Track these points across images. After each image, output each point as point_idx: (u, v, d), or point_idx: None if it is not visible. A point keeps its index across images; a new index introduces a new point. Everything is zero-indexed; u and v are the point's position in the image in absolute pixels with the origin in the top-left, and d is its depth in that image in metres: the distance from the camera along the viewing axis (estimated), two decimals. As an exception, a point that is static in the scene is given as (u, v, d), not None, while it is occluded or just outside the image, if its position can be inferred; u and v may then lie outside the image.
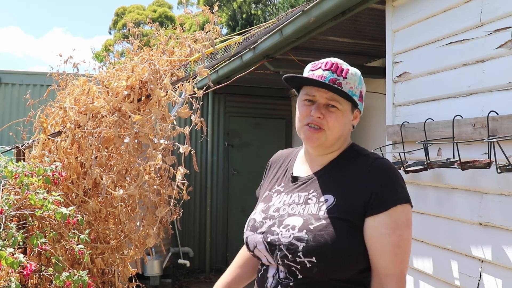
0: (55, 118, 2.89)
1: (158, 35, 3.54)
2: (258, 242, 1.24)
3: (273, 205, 1.30)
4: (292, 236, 1.16)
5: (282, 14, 7.31)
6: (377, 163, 1.23)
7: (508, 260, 1.85)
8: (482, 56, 2.04)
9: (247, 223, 1.33)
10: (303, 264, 1.14)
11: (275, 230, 1.21)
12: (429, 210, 2.33)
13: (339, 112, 1.24)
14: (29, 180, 2.29)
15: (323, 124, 1.24)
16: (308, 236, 1.14)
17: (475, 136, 1.99)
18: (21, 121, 3.37)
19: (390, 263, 1.15)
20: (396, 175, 1.21)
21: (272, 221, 1.24)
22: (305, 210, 1.21)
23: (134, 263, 2.99)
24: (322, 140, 1.25)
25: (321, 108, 1.24)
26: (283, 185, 1.35)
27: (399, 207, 1.17)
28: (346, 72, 1.25)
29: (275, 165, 1.46)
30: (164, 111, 2.68)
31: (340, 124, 1.25)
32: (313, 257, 1.12)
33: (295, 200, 1.26)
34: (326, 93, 1.23)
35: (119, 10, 21.98)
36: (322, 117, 1.23)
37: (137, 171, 2.72)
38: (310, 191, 1.26)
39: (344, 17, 2.99)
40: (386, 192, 1.17)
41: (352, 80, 1.26)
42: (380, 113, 4.50)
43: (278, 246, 1.18)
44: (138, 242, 2.81)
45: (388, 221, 1.15)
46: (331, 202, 1.19)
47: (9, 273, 2.02)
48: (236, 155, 6.31)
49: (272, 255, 1.20)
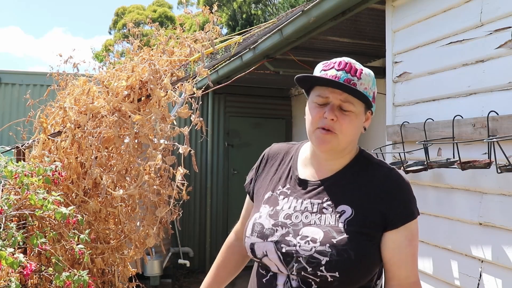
0: (55, 118, 2.89)
1: (158, 35, 3.54)
2: (269, 251, 1.18)
3: (282, 210, 1.23)
4: (313, 250, 1.13)
5: (282, 14, 7.31)
6: (392, 175, 1.23)
7: (508, 260, 1.85)
8: (482, 56, 2.04)
9: (251, 227, 1.24)
10: (324, 278, 1.12)
11: (291, 240, 1.16)
12: (429, 210, 2.33)
13: (353, 114, 1.19)
14: (29, 180, 2.29)
15: (336, 128, 1.17)
16: (332, 251, 1.11)
17: (475, 136, 1.99)
18: (21, 121, 3.37)
19: (412, 272, 1.20)
20: (410, 188, 1.24)
21: (285, 230, 1.18)
22: (322, 220, 1.17)
23: (134, 263, 2.99)
24: (334, 144, 1.19)
25: (335, 110, 1.17)
26: (289, 187, 1.28)
27: (415, 219, 1.21)
28: (360, 72, 1.21)
29: (273, 160, 1.38)
30: (164, 111, 2.68)
31: (354, 127, 1.20)
32: (336, 272, 1.11)
33: (308, 207, 1.21)
34: (341, 95, 1.17)
35: (119, 10, 21.97)
36: (336, 119, 1.17)
37: (137, 171, 2.72)
38: (324, 199, 1.21)
39: (344, 17, 2.99)
40: (405, 207, 1.20)
41: (366, 80, 1.21)
42: (380, 113, 4.48)
43: (296, 258, 1.14)
44: (138, 242, 2.81)
45: (407, 234, 1.19)
46: (349, 214, 1.17)
47: (9, 273, 2.02)
48: (236, 155, 6.31)
49: (286, 266, 1.16)
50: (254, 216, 1.27)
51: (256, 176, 1.39)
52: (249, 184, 1.41)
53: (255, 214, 1.27)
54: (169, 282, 5.35)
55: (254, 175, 1.40)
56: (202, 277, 5.78)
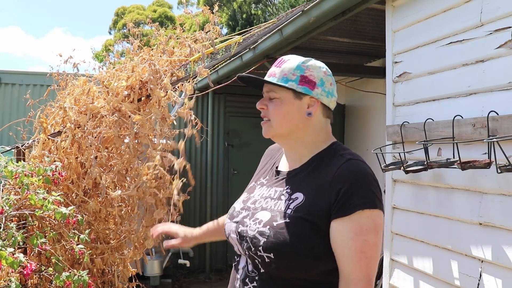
0: (55, 118, 2.89)
1: (158, 35, 3.54)
2: (231, 230, 1.29)
3: (253, 196, 1.34)
4: (256, 230, 1.20)
5: (282, 14, 7.31)
6: (348, 164, 1.18)
7: (508, 260, 1.84)
8: (482, 56, 2.04)
9: (229, 210, 1.39)
10: (262, 259, 1.17)
11: (246, 221, 1.25)
12: (429, 210, 2.33)
13: (278, 100, 1.27)
14: (29, 180, 2.29)
15: (267, 114, 1.30)
16: (270, 232, 1.16)
17: (475, 136, 1.99)
18: (21, 121, 3.37)
19: (354, 268, 1.12)
20: (366, 178, 1.16)
21: (246, 213, 1.28)
22: (276, 205, 1.23)
23: (134, 263, 2.99)
24: (271, 130, 1.29)
25: (265, 100, 1.31)
26: (268, 178, 1.38)
27: (366, 211, 1.12)
28: (283, 62, 1.29)
29: (267, 158, 1.48)
30: (164, 111, 2.68)
31: (281, 111, 1.27)
32: (271, 253, 1.14)
33: (271, 194, 1.28)
34: (265, 87, 1.31)
35: (119, 10, 21.98)
36: (266, 107, 1.30)
37: (137, 171, 2.72)
38: (285, 187, 1.26)
39: (344, 17, 2.99)
40: (352, 196, 1.13)
41: (286, 67, 1.27)
42: (380, 113, 4.50)
43: (245, 238, 1.21)
44: (138, 243, 2.81)
45: (352, 226, 1.12)
46: (300, 201, 1.19)
47: (9, 273, 2.02)
48: (236, 155, 6.30)
49: (241, 245, 1.24)
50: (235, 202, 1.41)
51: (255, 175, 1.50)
52: None
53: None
54: (169, 282, 5.35)
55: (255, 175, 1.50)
56: (202, 277, 5.77)
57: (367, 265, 1.12)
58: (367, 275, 1.12)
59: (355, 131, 5.60)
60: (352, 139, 5.64)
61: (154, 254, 5.03)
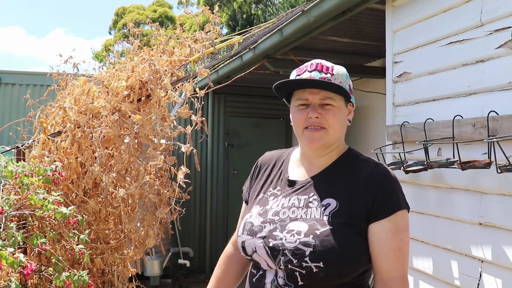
0: (55, 118, 2.89)
1: (158, 35, 3.54)
2: (258, 246, 1.22)
3: (271, 208, 1.28)
4: (298, 241, 1.16)
5: (282, 14, 7.31)
6: (378, 169, 1.24)
7: (508, 260, 1.85)
8: (482, 56, 2.04)
9: (242, 227, 1.30)
10: (309, 269, 1.13)
11: (277, 235, 1.20)
12: (429, 210, 2.33)
13: (335, 108, 1.25)
14: (29, 180, 2.29)
15: (323, 123, 1.24)
16: (315, 241, 1.14)
17: (475, 136, 1.98)
18: (21, 121, 3.38)
19: (393, 266, 1.18)
20: (397, 182, 1.25)
21: (273, 226, 1.22)
22: (308, 214, 1.21)
23: (134, 263, 2.99)
24: (325, 139, 1.25)
25: (317, 108, 1.24)
26: (279, 188, 1.33)
27: (400, 212, 1.20)
28: (332, 69, 1.27)
29: (266, 167, 1.43)
30: (164, 111, 2.68)
31: (339, 120, 1.26)
32: (321, 262, 1.12)
33: (295, 203, 1.25)
34: (318, 93, 1.24)
35: (119, 10, 21.97)
36: (320, 116, 1.23)
37: (137, 171, 2.72)
38: (310, 194, 1.25)
39: (344, 17, 2.99)
40: (388, 199, 1.20)
41: (339, 75, 1.27)
42: (380, 113, 4.50)
43: (282, 251, 1.17)
44: (138, 242, 2.81)
45: (390, 226, 1.18)
46: (334, 207, 1.20)
47: (9, 273, 2.02)
48: (236, 155, 6.30)
49: (274, 260, 1.19)
50: (246, 217, 1.32)
51: (251, 184, 1.45)
52: (246, 193, 1.46)
53: (246, 215, 1.33)
54: (169, 282, 5.35)
55: (249, 183, 1.46)
56: (202, 277, 5.76)
57: (404, 263, 1.20)
58: (404, 272, 1.20)
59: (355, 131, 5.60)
60: (352, 139, 5.64)
61: (154, 254, 5.03)
